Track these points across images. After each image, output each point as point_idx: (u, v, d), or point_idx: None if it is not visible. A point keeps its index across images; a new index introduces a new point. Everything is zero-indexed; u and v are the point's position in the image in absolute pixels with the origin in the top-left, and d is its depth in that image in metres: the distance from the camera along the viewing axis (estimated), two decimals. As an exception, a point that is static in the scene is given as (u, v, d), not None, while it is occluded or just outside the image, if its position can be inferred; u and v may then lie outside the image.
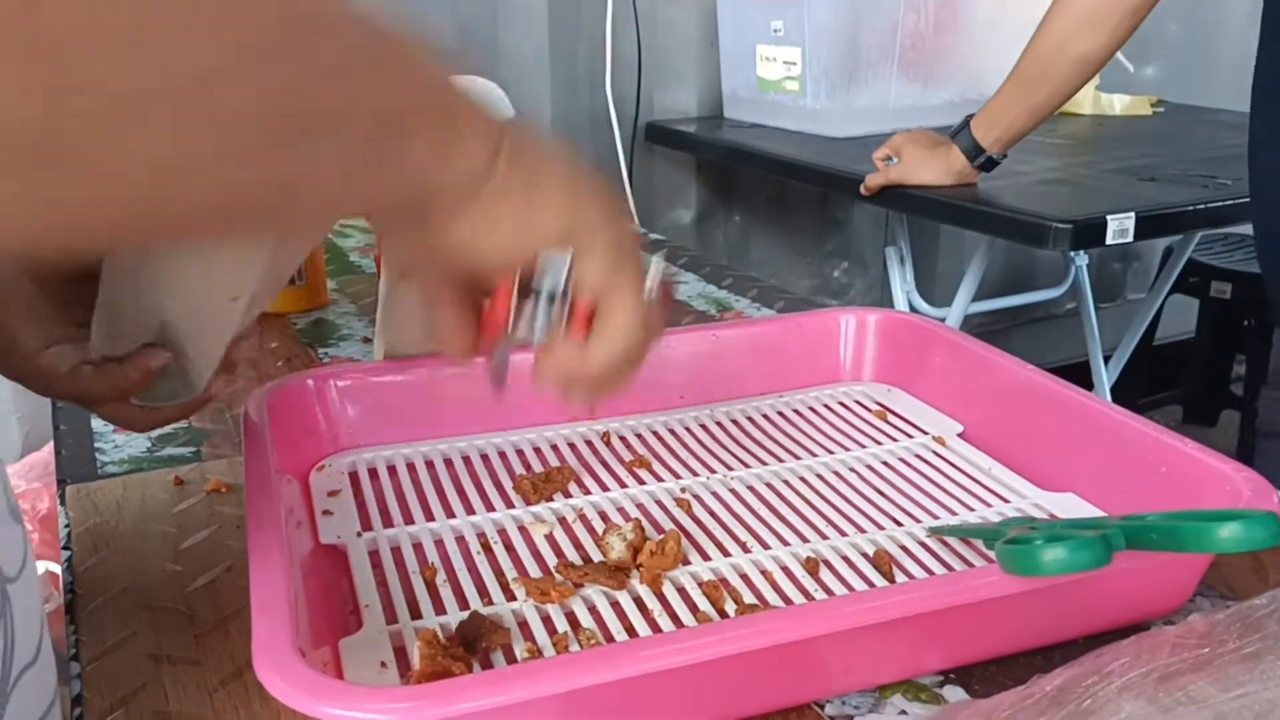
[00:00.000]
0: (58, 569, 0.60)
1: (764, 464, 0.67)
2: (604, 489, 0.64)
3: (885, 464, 0.68)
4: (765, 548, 0.58)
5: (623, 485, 0.65)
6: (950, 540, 0.58)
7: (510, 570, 0.56)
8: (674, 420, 0.73)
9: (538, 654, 0.49)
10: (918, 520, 0.61)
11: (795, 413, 0.75)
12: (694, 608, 0.52)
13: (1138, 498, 0.57)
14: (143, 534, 0.61)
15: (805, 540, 0.59)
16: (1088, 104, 2.02)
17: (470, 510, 0.62)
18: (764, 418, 0.74)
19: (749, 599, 0.53)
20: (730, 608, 0.52)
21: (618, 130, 1.91)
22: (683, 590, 0.54)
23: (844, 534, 0.59)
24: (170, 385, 0.53)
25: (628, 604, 0.53)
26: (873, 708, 0.47)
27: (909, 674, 0.49)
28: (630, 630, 0.51)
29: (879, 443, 0.70)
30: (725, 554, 0.57)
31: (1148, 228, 1.36)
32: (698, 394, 0.75)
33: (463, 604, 0.53)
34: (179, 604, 0.55)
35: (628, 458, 0.68)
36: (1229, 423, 2.42)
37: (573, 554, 0.57)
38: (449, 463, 0.67)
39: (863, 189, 1.49)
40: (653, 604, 0.52)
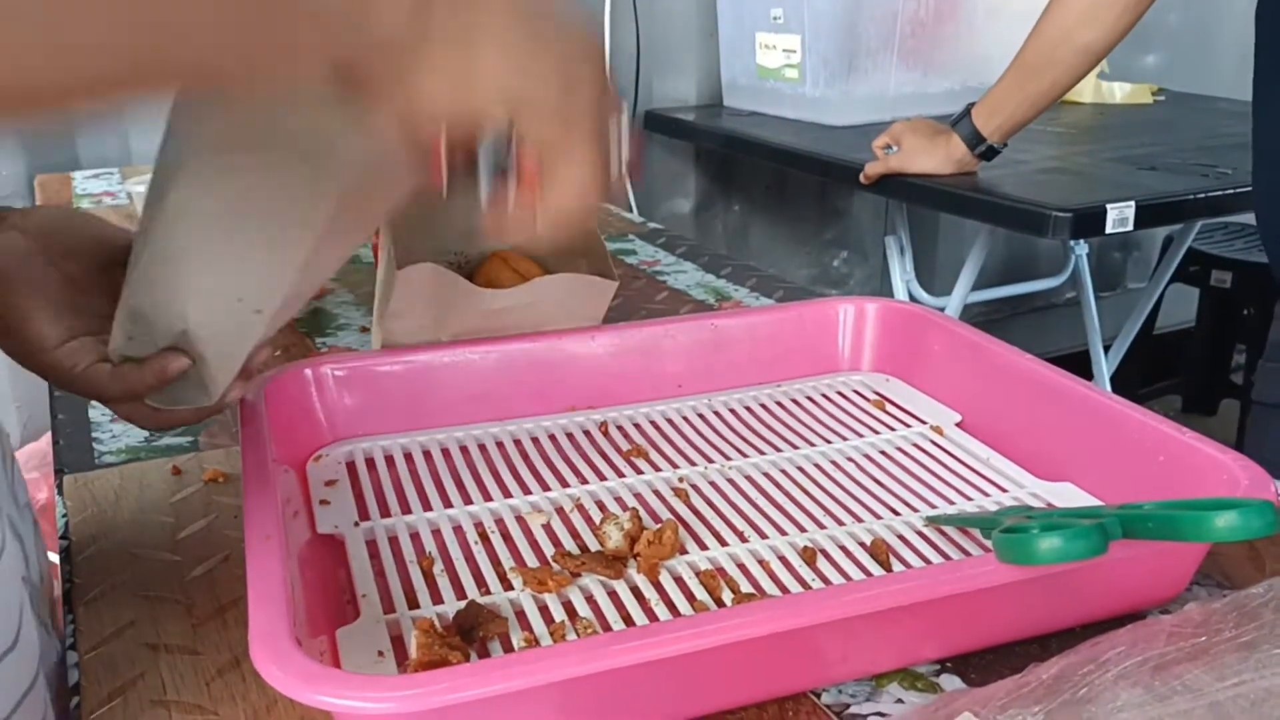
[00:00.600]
0: (55, 558, 0.60)
1: (762, 453, 0.67)
2: (601, 478, 0.64)
3: (883, 453, 0.68)
4: (763, 537, 0.58)
5: (620, 475, 0.65)
6: (948, 529, 0.58)
7: (507, 560, 0.56)
8: (671, 410, 0.73)
9: (535, 643, 0.49)
10: (915, 510, 0.61)
11: (793, 402, 0.74)
12: (691, 597, 0.52)
13: (1135, 487, 0.57)
14: (140, 524, 0.61)
15: (802, 530, 0.59)
16: (1088, 92, 2.01)
17: (467, 500, 0.62)
18: (762, 407, 0.74)
19: (746, 588, 0.53)
20: (727, 597, 0.53)
21: (617, 119, 1.90)
22: (680, 580, 0.54)
23: (841, 523, 0.59)
24: (187, 390, 0.53)
25: (625, 594, 0.53)
26: (869, 696, 0.47)
27: (906, 662, 0.49)
28: (627, 620, 0.51)
29: (877, 432, 0.70)
30: (722, 543, 0.57)
31: (1147, 216, 1.36)
32: (696, 383, 0.75)
33: (460, 594, 0.53)
34: (177, 593, 0.55)
35: (625, 447, 0.68)
36: (1229, 412, 2.42)
37: (570, 544, 0.57)
38: (446, 453, 0.67)
39: (862, 178, 1.49)
40: (650, 593, 0.52)
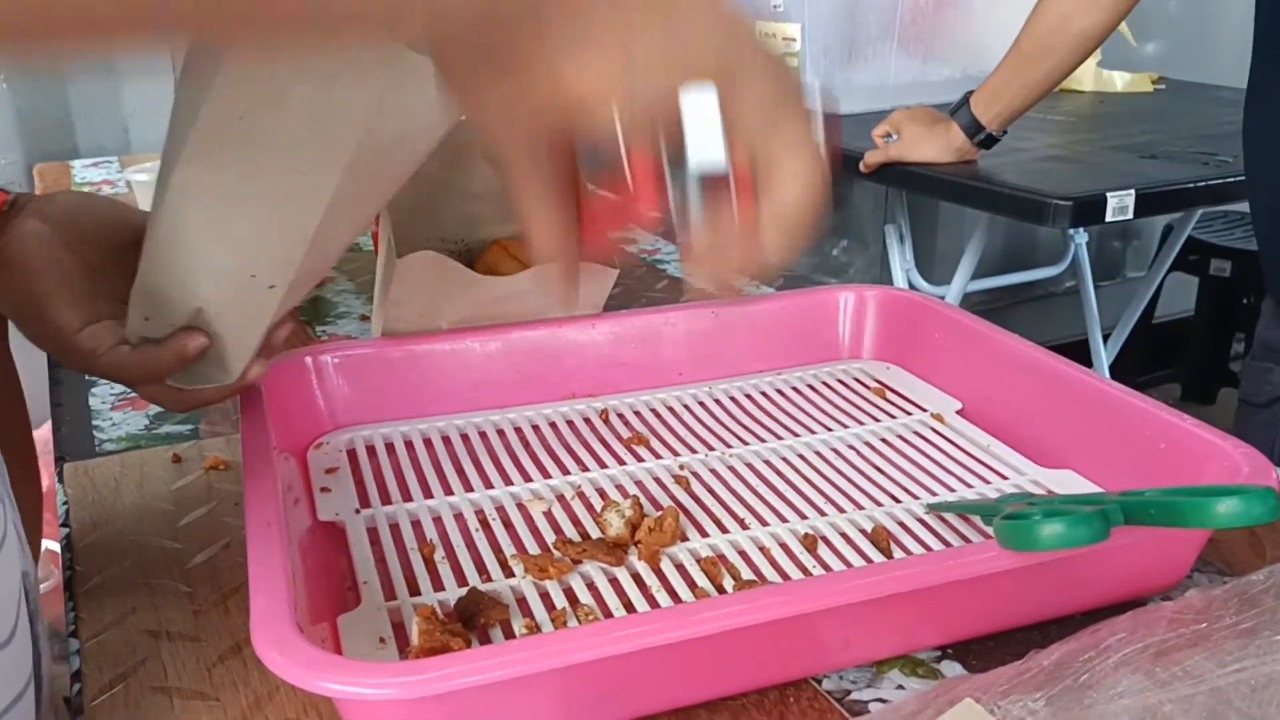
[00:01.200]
0: (56, 546, 0.60)
1: (762, 441, 0.67)
2: (602, 466, 0.64)
3: (884, 441, 0.68)
4: (763, 524, 0.58)
5: (621, 462, 0.64)
6: (948, 517, 0.58)
7: (509, 547, 0.56)
8: (672, 397, 0.73)
9: (536, 630, 0.49)
10: (916, 497, 0.61)
11: (794, 390, 0.74)
12: (692, 584, 0.52)
13: (1136, 474, 0.57)
14: (141, 511, 0.61)
15: (803, 517, 0.59)
16: (1089, 81, 2.01)
17: (469, 487, 0.62)
18: (762, 395, 0.74)
19: (747, 575, 0.53)
20: (728, 584, 0.53)
21: (616, 107, 1.90)
22: (681, 567, 0.54)
23: (842, 511, 0.59)
24: (207, 369, 0.53)
25: (626, 580, 0.53)
26: (870, 682, 0.47)
27: (906, 649, 0.49)
28: (628, 606, 0.51)
29: (877, 420, 0.70)
30: (723, 530, 0.57)
31: (1147, 205, 1.36)
32: (696, 371, 0.75)
33: (461, 580, 0.53)
34: (178, 580, 0.55)
35: (626, 435, 0.68)
36: (1228, 400, 2.42)
37: (571, 531, 0.57)
38: (447, 440, 0.67)
39: (862, 166, 1.49)
40: (651, 580, 0.52)
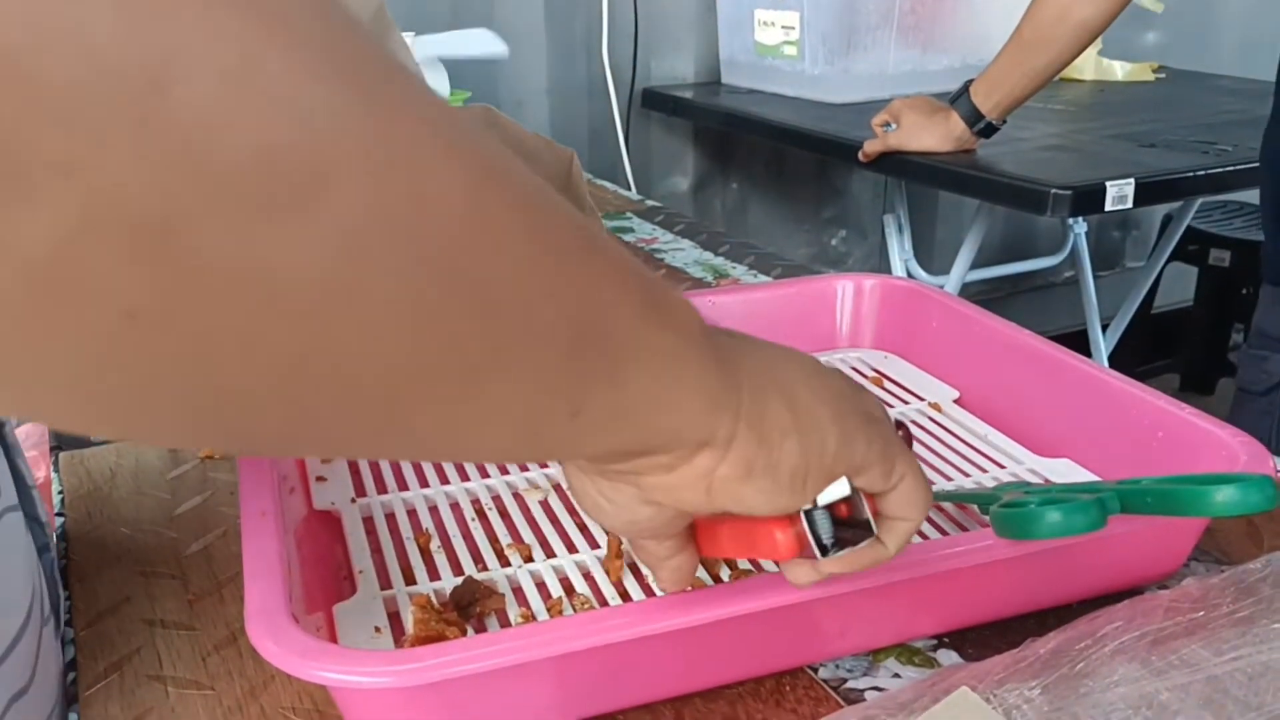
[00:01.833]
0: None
1: (759, 430, 0.67)
2: (599, 455, 0.64)
3: (881, 430, 0.67)
4: (760, 513, 0.58)
5: (618, 451, 0.64)
6: (945, 505, 0.58)
7: (505, 536, 0.56)
8: (669, 386, 0.72)
9: (532, 619, 0.49)
10: (913, 486, 0.61)
11: (791, 379, 0.74)
12: (688, 573, 0.52)
13: (1134, 463, 0.56)
14: (137, 500, 0.61)
15: (800, 506, 0.59)
16: (1090, 69, 2.00)
17: (465, 476, 0.61)
18: (760, 384, 0.73)
19: (743, 564, 0.53)
20: (724, 573, 0.52)
21: (614, 97, 1.90)
22: (677, 555, 0.54)
23: (839, 499, 0.59)
24: None
25: (623, 568, 0.52)
26: (866, 671, 0.47)
27: (903, 637, 0.49)
28: (624, 595, 0.51)
29: (875, 409, 0.70)
30: (720, 519, 0.57)
31: (1147, 194, 1.35)
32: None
33: (457, 569, 0.53)
34: (173, 569, 0.55)
35: (623, 424, 0.67)
36: (1227, 391, 2.42)
37: (567, 520, 0.57)
38: (444, 429, 0.67)
39: (861, 155, 1.48)
40: (647, 569, 0.52)
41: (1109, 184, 1.32)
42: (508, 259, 0.24)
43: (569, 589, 0.51)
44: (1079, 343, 1.85)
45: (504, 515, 0.58)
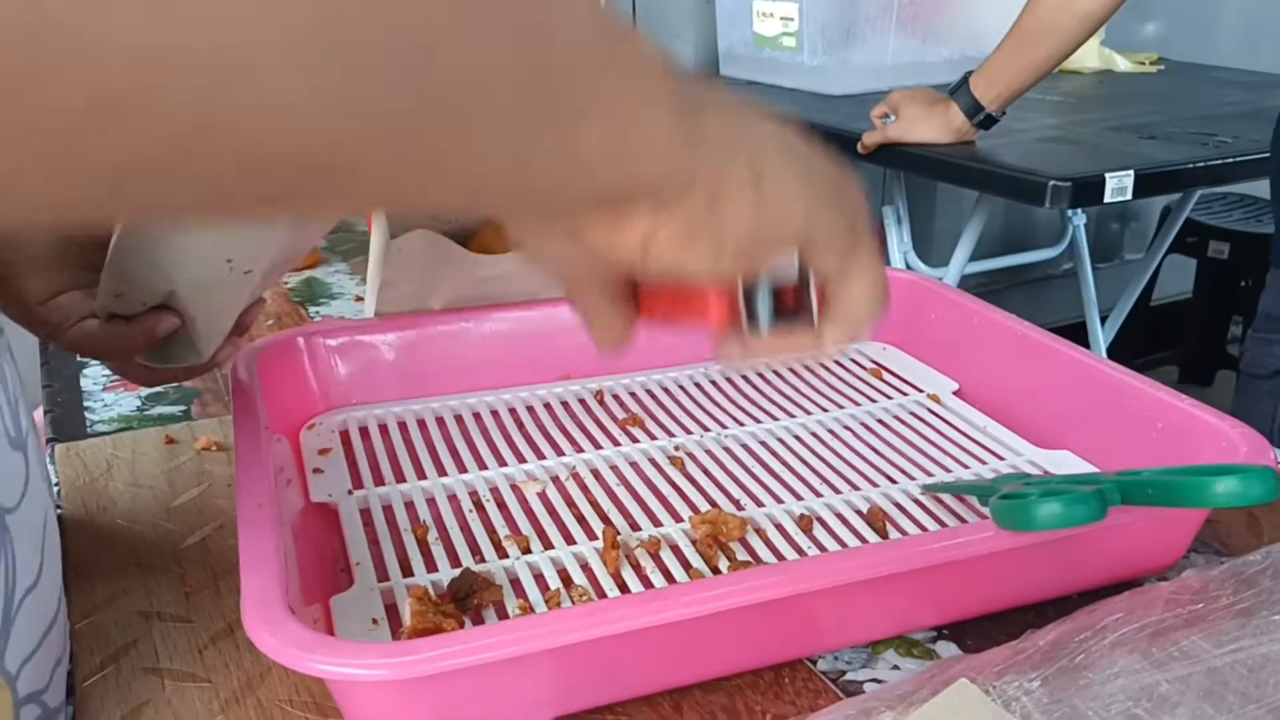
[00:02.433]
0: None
1: (758, 422, 0.67)
2: (597, 447, 0.64)
3: (880, 422, 0.67)
4: (759, 505, 0.58)
5: (616, 443, 0.64)
6: (945, 497, 0.58)
7: (502, 528, 0.56)
8: (668, 378, 0.72)
9: (529, 610, 0.49)
10: (912, 478, 0.61)
11: (790, 370, 0.74)
12: (687, 565, 0.52)
13: (1133, 454, 0.56)
14: (133, 493, 0.61)
15: (799, 498, 0.58)
16: (1090, 60, 2.00)
17: (462, 468, 0.61)
18: (758, 375, 0.73)
19: (742, 556, 0.53)
20: (723, 564, 0.52)
21: (613, 88, 1.89)
22: (675, 547, 0.54)
23: (838, 491, 0.59)
24: (177, 350, 0.52)
25: (620, 560, 0.52)
26: (865, 663, 0.47)
27: (902, 629, 0.49)
28: (623, 587, 0.51)
29: (874, 400, 0.70)
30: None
31: (1146, 186, 1.35)
32: (691, 352, 0.74)
33: (454, 561, 0.53)
34: (170, 562, 0.55)
35: (621, 415, 0.67)
36: (1225, 383, 2.42)
37: (565, 512, 0.57)
38: (440, 421, 0.67)
39: (860, 147, 1.48)
40: (645, 560, 0.52)
41: (1108, 176, 1.32)
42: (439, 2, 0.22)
43: (566, 581, 0.51)
44: (1078, 334, 1.85)
45: (501, 507, 0.58)
